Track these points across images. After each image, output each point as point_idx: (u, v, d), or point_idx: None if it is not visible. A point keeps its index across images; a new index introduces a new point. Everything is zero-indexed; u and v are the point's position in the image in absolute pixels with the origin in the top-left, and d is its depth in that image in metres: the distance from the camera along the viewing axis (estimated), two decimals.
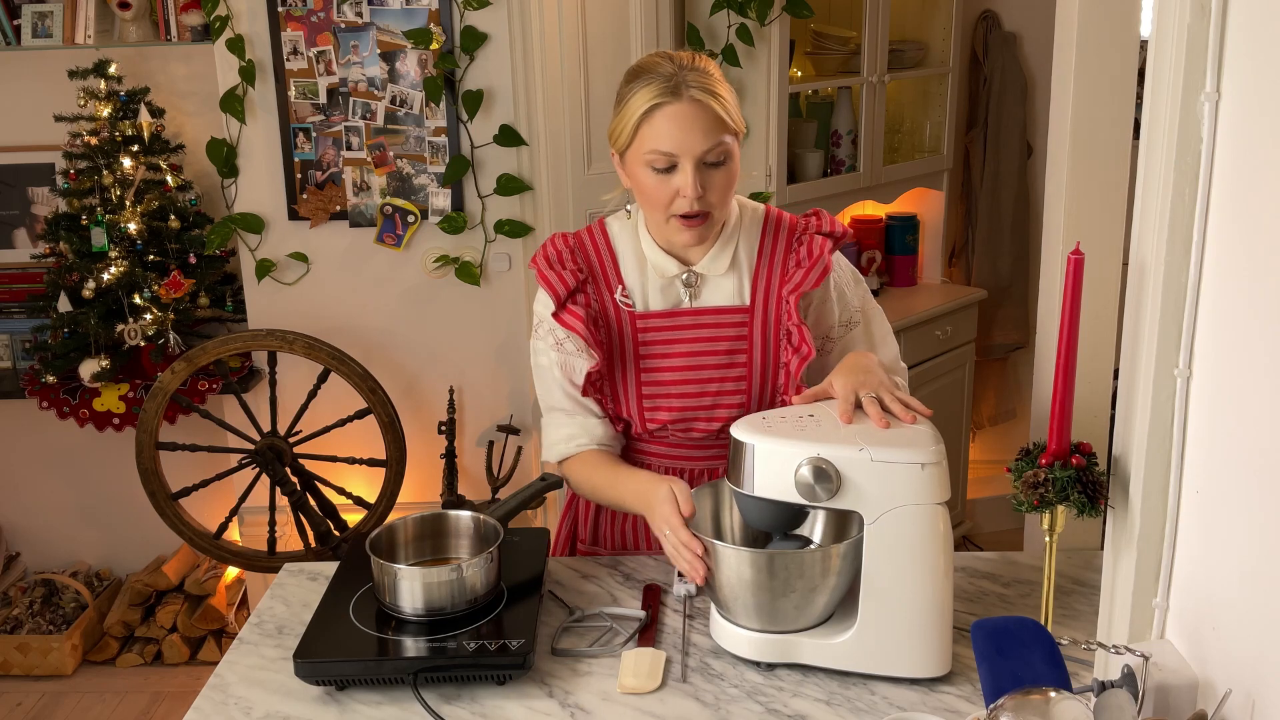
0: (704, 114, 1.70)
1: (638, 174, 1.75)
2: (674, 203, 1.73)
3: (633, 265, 1.85)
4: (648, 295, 1.85)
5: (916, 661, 1.55)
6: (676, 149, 1.70)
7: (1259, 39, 1.08)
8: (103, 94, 3.19)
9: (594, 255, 1.86)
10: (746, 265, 1.84)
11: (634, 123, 1.72)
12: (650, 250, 1.83)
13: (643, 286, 1.84)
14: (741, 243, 1.84)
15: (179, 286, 3.20)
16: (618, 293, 1.84)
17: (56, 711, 3.33)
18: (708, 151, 1.70)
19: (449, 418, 3.23)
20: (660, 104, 1.69)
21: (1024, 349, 4.17)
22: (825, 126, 3.74)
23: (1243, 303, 1.12)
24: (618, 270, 1.85)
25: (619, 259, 1.86)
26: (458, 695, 1.57)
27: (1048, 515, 1.47)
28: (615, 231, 1.87)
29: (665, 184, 1.72)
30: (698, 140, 1.69)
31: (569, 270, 1.83)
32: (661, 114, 1.69)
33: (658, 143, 1.70)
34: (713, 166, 1.72)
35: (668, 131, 1.69)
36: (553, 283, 1.82)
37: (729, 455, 1.61)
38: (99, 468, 3.71)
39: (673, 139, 1.69)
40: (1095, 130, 1.94)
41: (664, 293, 1.84)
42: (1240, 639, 1.14)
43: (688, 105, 1.69)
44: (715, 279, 1.84)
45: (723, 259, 1.83)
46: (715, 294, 1.84)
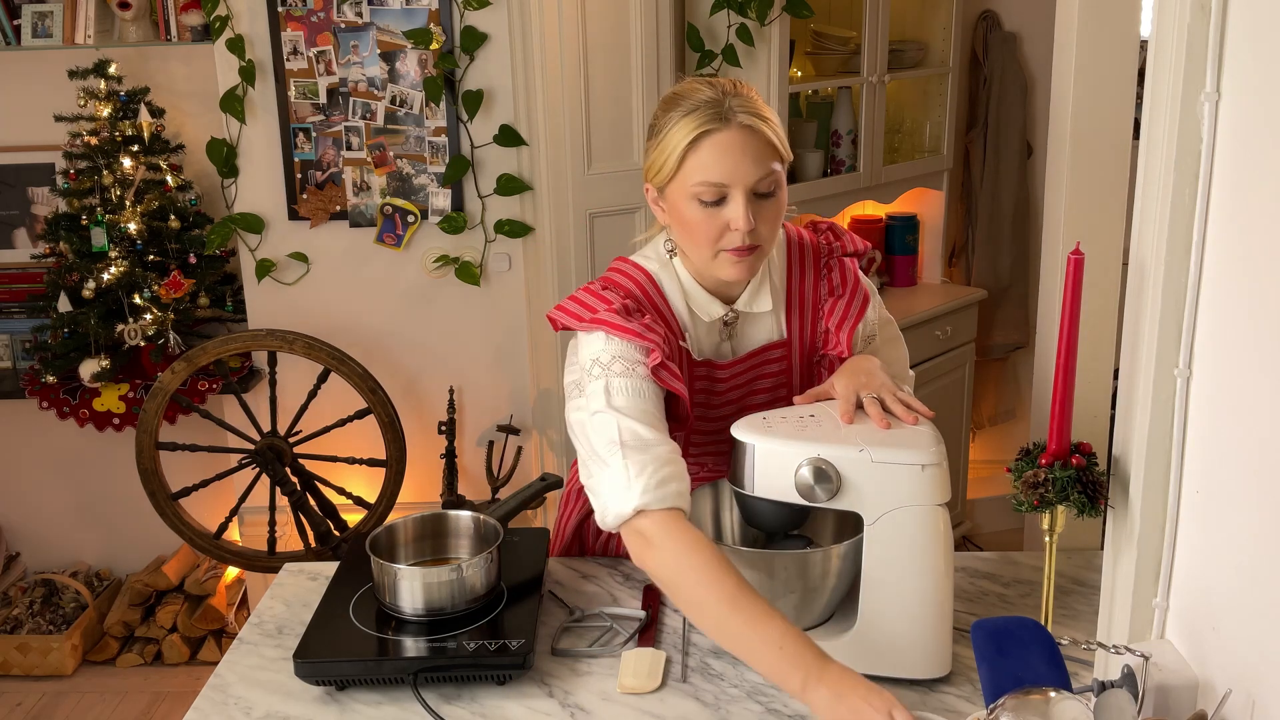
0: (755, 140, 1.59)
1: (682, 209, 1.62)
2: (724, 237, 1.61)
3: (682, 309, 1.72)
4: (699, 340, 1.74)
5: (916, 661, 1.55)
6: (727, 179, 1.58)
7: (1259, 39, 1.08)
8: (103, 94, 3.19)
9: (649, 304, 1.70)
10: (780, 295, 1.76)
11: (679, 153, 1.59)
12: (695, 293, 1.72)
13: (694, 331, 1.73)
14: (774, 273, 1.76)
15: (179, 286, 3.20)
16: (686, 342, 1.71)
17: (56, 711, 3.33)
18: (760, 180, 1.59)
19: (449, 418, 3.23)
20: (708, 131, 1.58)
21: (1024, 349, 4.17)
22: (825, 126, 3.74)
23: (1242, 303, 1.12)
24: (675, 317, 1.72)
25: (672, 305, 1.72)
26: (458, 695, 1.57)
27: (1048, 515, 1.47)
28: (657, 274, 1.73)
29: (714, 218, 1.60)
30: (749, 169, 1.58)
31: (646, 320, 1.65)
32: (710, 142, 1.58)
33: (707, 174, 1.58)
34: (763, 197, 1.61)
35: (717, 161, 1.58)
36: (644, 334, 1.61)
37: (730, 455, 1.61)
38: (99, 468, 3.71)
39: (723, 169, 1.58)
40: (1095, 130, 1.94)
41: (709, 335, 1.75)
42: (1240, 639, 1.14)
43: (737, 132, 1.58)
44: (756, 317, 1.76)
45: (764, 295, 1.74)
46: (755, 333, 1.77)
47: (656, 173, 1.64)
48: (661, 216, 1.70)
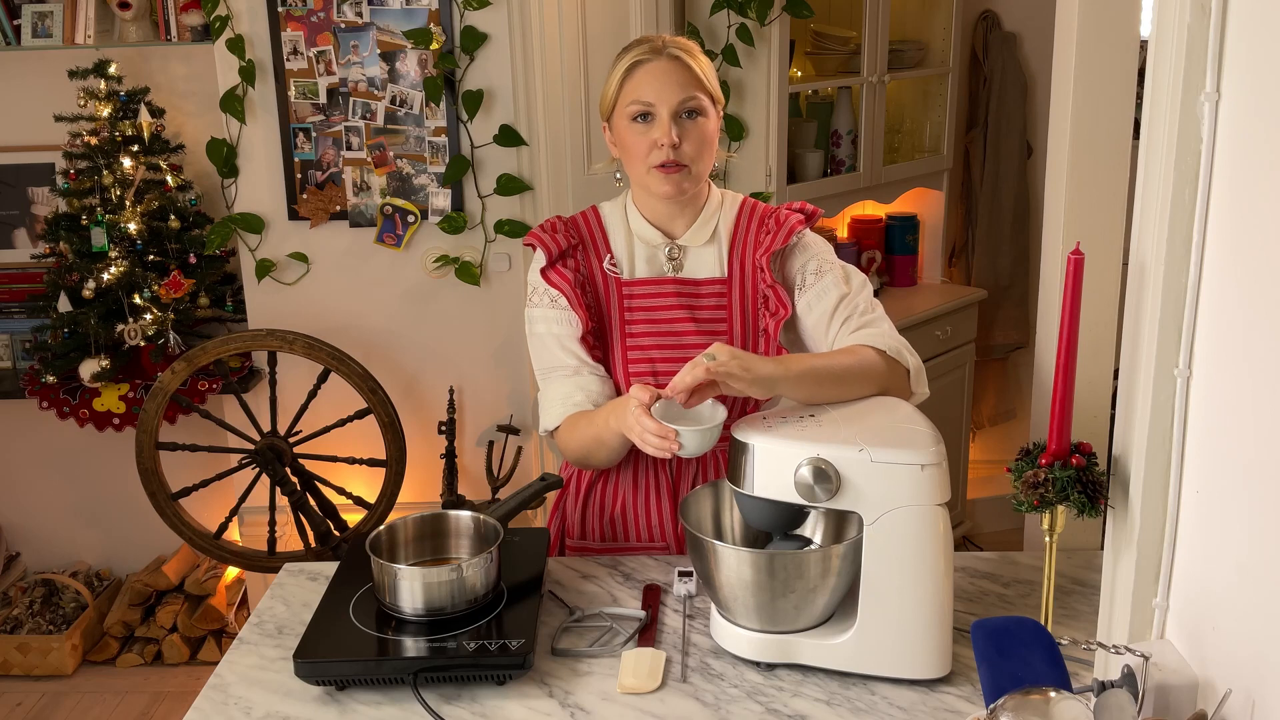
0: (680, 69, 1.85)
1: (621, 131, 1.89)
2: (652, 153, 1.85)
3: (621, 238, 1.97)
4: (635, 265, 1.96)
5: (916, 662, 1.55)
6: (654, 98, 1.84)
7: (1259, 39, 1.08)
8: (103, 94, 3.19)
9: (584, 228, 1.99)
10: (725, 240, 1.95)
11: (618, 81, 1.88)
12: (636, 222, 1.96)
13: (630, 257, 1.96)
14: (721, 221, 1.96)
15: (179, 286, 3.20)
16: (606, 261, 1.96)
17: (56, 711, 3.33)
18: (683, 102, 1.84)
19: (449, 418, 3.23)
20: (641, 61, 1.86)
21: (1024, 349, 4.17)
22: (825, 126, 3.74)
23: (1243, 303, 1.12)
24: (607, 242, 1.97)
25: (609, 233, 1.98)
26: (458, 695, 1.57)
27: (1048, 515, 1.47)
28: (606, 211, 2.00)
29: (644, 135, 1.85)
30: (674, 91, 1.84)
31: (561, 234, 1.95)
32: (642, 70, 1.86)
33: (638, 93, 1.85)
34: (689, 119, 1.85)
35: (647, 83, 1.85)
36: (545, 241, 1.93)
37: (729, 455, 1.61)
38: (99, 468, 3.71)
39: (651, 89, 1.84)
40: (1095, 130, 1.94)
41: (649, 263, 1.96)
42: (1240, 639, 1.14)
43: (666, 61, 1.86)
44: (697, 251, 1.95)
45: (704, 231, 1.95)
46: (697, 266, 1.95)
47: (604, 105, 1.92)
48: (613, 150, 1.96)
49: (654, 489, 1.95)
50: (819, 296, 1.90)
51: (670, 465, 1.95)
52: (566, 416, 1.90)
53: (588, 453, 1.90)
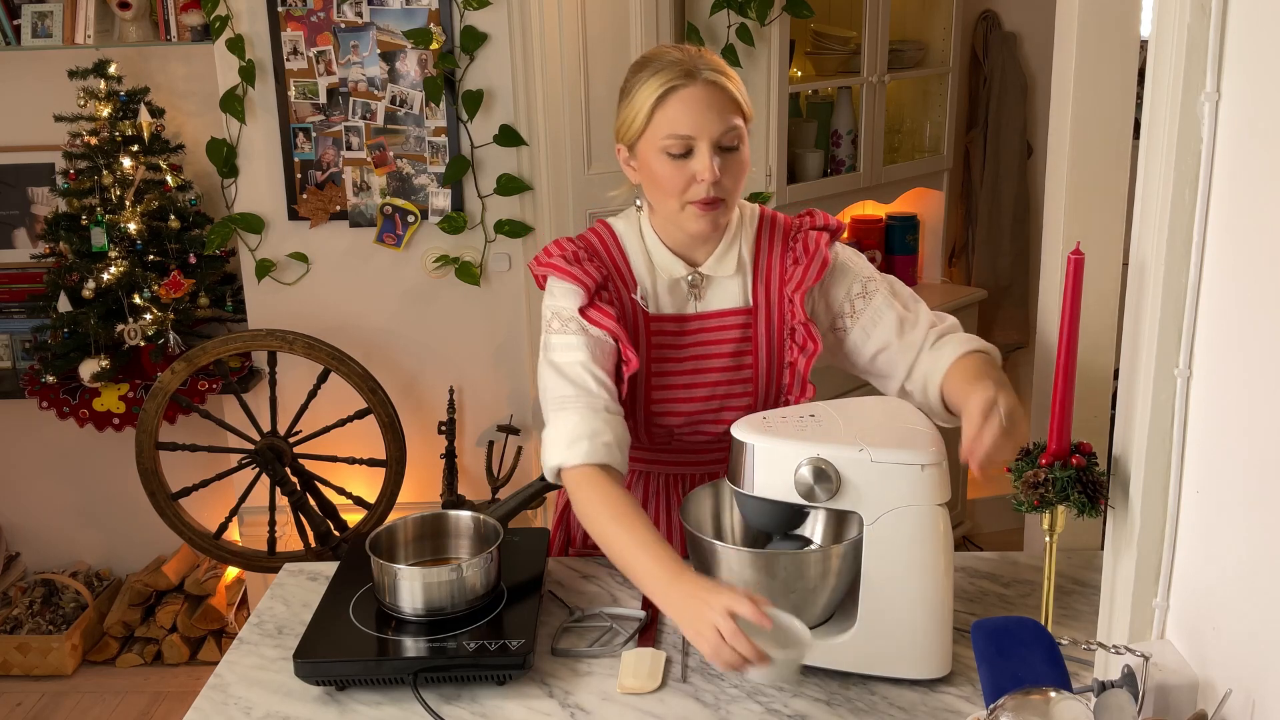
0: (719, 95, 1.68)
1: (651, 163, 1.71)
2: (690, 189, 1.69)
3: (642, 266, 1.81)
4: (658, 297, 1.81)
5: (916, 662, 1.55)
6: (694, 131, 1.67)
7: (1259, 39, 1.08)
8: (103, 94, 3.19)
9: (605, 254, 1.81)
10: (749, 268, 1.82)
11: (647, 109, 1.68)
12: (657, 251, 1.80)
13: (653, 288, 1.81)
14: (743, 244, 1.82)
15: (179, 286, 3.20)
16: (636, 292, 1.80)
17: (56, 711, 3.33)
18: (724, 134, 1.68)
19: (449, 418, 3.23)
20: (675, 87, 1.67)
21: (1024, 349, 4.17)
22: (825, 126, 3.74)
23: (1243, 303, 1.12)
24: (630, 271, 1.81)
25: (630, 259, 1.81)
26: (458, 695, 1.57)
27: (1048, 515, 1.47)
28: (621, 231, 1.84)
29: (681, 170, 1.69)
30: (714, 122, 1.67)
31: (592, 266, 1.77)
32: (677, 97, 1.67)
33: (674, 126, 1.67)
34: (728, 151, 1.70)
35: (684, 114, 1.67)
36: (580, 277, 1.75)
37: (729, 455, 1.61)
38: (99, 468, 3.71)
39: (690, 121, 1.67)
40: (1095, 130, 1.94)
41: (671, 294, 1.82)
42: (1240, 639, 1.14)
43: (703, 87, 1.67)
44: (720, 280, 1.81)
45: (729, 260, 1.80)
46: (719, 296, 1.82)
47: (627, 130, 1.73)
48: (632, 175, 1.78)
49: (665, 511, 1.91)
50: (874, 321, 1.81)
51: (682, 489, 1.89)
52: (597, 463, 1.66)
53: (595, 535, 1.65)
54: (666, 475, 1.91)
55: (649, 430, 1.85)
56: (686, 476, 1.90)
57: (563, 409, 1.72)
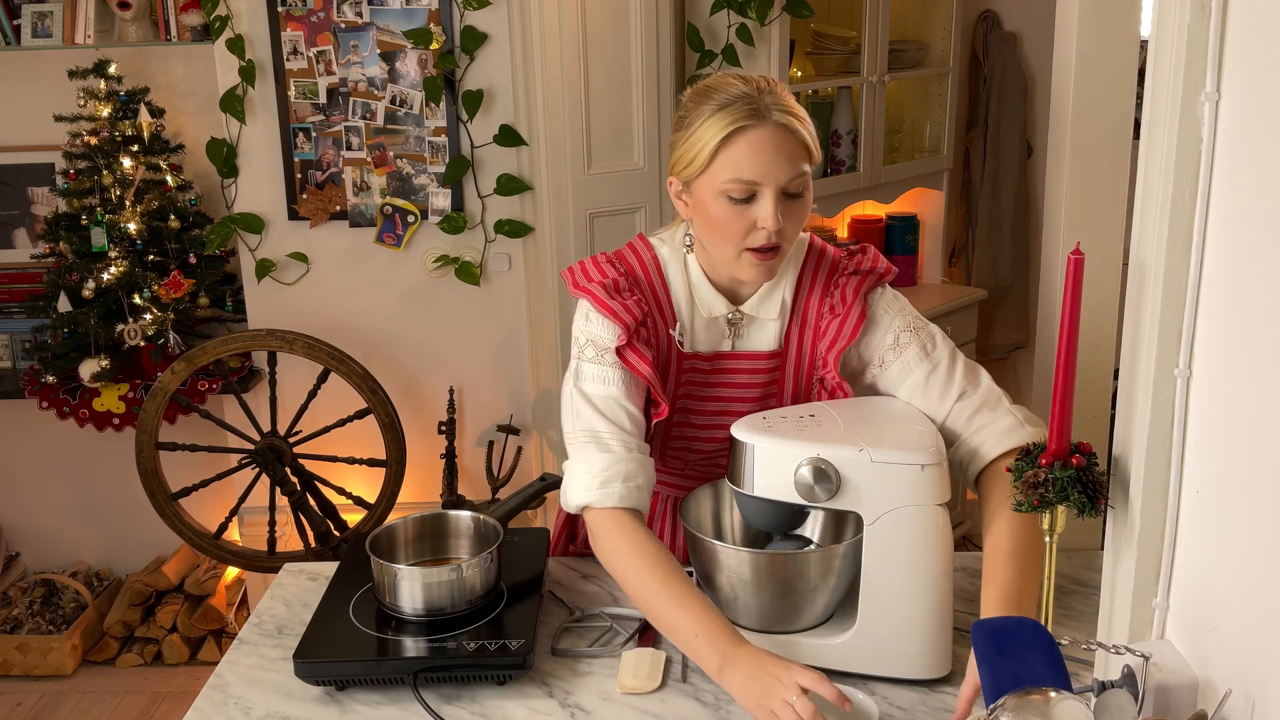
0: (789, 140, 1.58)
1: (709, 204, 1.61)
2: (750, 236, 1.59)
3: (683, 300, 1.73)
4: (695, 333, 1.73)
5: (916, 662, 1.55)
6: (760, 177, 1.56)
7: (1259, 39, 1.08)
8: (103, 94, 3.19)
9: (647, 285, 1.72)
10: (787, 312, 1.74)
11: (711, 148, 1.57)
12: (701, 286, 1.71)
13: (690, 323, 1.73)
14: (786, 287, 1.73)
15: (179, 286, 3.20)
16: (675, 330, 1.72)
17: (56, 711, 3.33)
18: (791, 181, 1.58)
19: (449, 418, 3.23)
20: (744, 128, 1.56)
21: (1024, 349, 4.17)
22: (825, 126, 3.74)
23: (1243, 303, 1.12)
24: (671, 303, 1.72)
25: (672, 292, 1.73)
26: (458, 695, 1.57)
27: (1048, 515, 1.47)
28: (665, 258, 1.74)
29: (742, 216, 1.58)
30: (783, 168, 1.57)
31: (633, 301, 1.68)
32: (744, 139, 1.56)
33: (739, 171, 1.56)
34: (792, 198, 1.60)
35: (750, 158, 1.56)
36: (620, 315, 1.66)
37: (729, 455, 1.61)
38: (99, 468, 3.71)
39: (756, 167, 1.56)
40: (1095, 130, 1.94)
41: (708, 331, 1.74)
42: (1240, 639, 1.14)
43: (772, 130, 1.56)
44: (760, 321, 1.74)
45: (772, 301, 1.72)
46: (755, 337, 1.75)
47: (685, 166, 1.62)
48: (684, 210, 1.68)
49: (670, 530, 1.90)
50: (903, 374, 1.70)
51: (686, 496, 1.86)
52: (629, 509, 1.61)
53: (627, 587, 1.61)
54: (674, 498, 1.88)
55: (664, 458, 1.83)
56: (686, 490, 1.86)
57: (594, 443, 1.64)
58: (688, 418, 1.79)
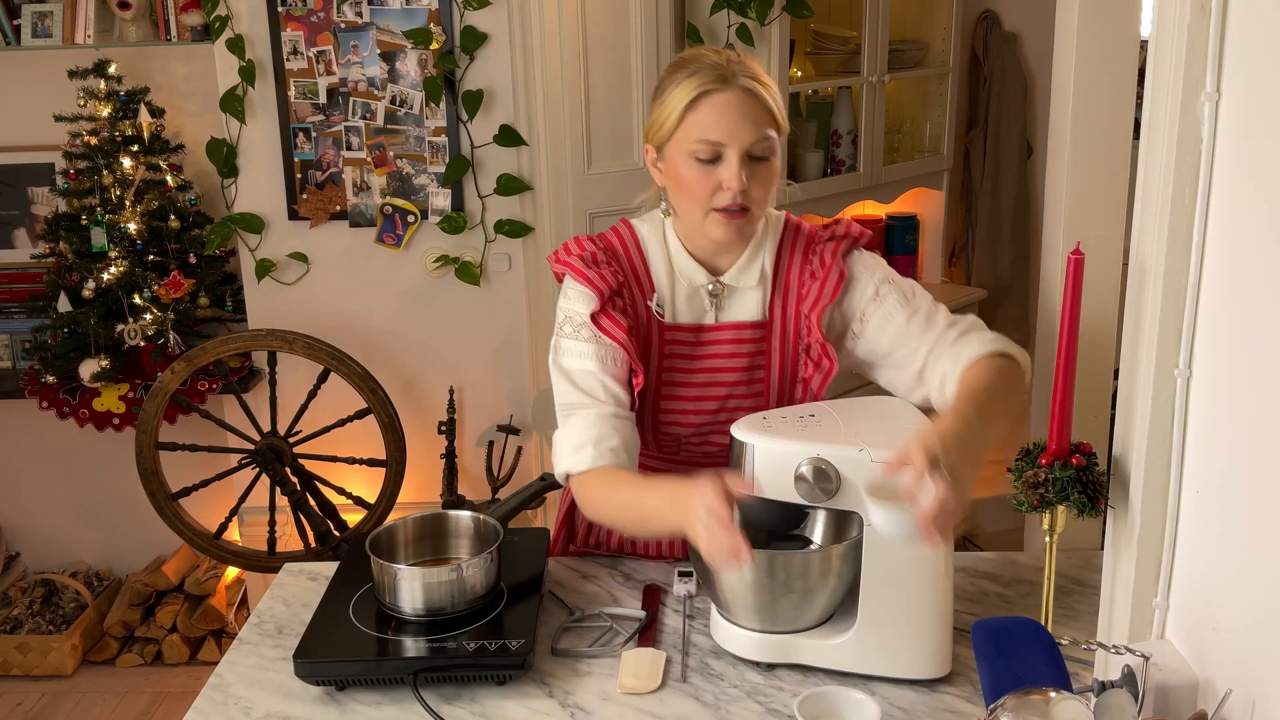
0: (754, 104, 1.65)
1: (678, 167, 1.68)
2: (716, 196, 1.66)
3: (662, 272, 1.78)
4: (676, 305, 1.78)
5: (916, 662, 1.55)
6: (724, 138, 1.64)
7: (1259, 39, 1.08)
8: (103, 94, 3.19)
9: (623, 255, 1.79)
10: (769, 281, 1.78)
11: (679, 111, 1.65)
12: (680, 257, 1.77)
13: (671, 295, 1.78)
14: (766, 257, 1.78)
15: (179, 286, 3.20)
16: (652, 300, 1.77)
17: (56, 711, 3.33)
18: (755, 143, 1.65)
19: (449, 418, 3.23)
20: (709, 91, 1.64)
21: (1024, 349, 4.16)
22: (825, 126, 3.74)
23: (1243, 303, 1.12)
24: (650, 276, 1.78)
25: (650, 264, 1.79)
26: (458, 695, 1.57)
27: (1048, 515, 1.47)
28: (644, 235, 1.80)
29: (708, 176, 1.66)
30: (746, 130, 1.64)
31: (609, 270, 1.75)
32: (709, 102, 1.64)
33: (704, 131, 1.64)
34: (757, 161, 1.66)
35: (715, 120, 1.64)
36: (594, 281, 1.72)
37: (729, 455, 1.61)
38: (99, 468, 3.71)
39: (720, 127, 1.63)
40: (1095, 130, 1.94)
41: (689, 302, 1.78)
42: (1240, 639, 1.14)
43: (737, 94, 1.64)
44: (741, 291, 1.78)
45: (752, 271, 1.77)
46: (738, 307, 1.78)
47: (657, 131, 1.70)
48: (659, 177, 1.75)
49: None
50: (885, 322, 1.75)
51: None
52: (600, 466, 1.67)
53: (620, 524, 1.72)
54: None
55: (656, 437, 1.84)
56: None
57: (571, 415, 1.72)
58: (674, 391, 1.80)
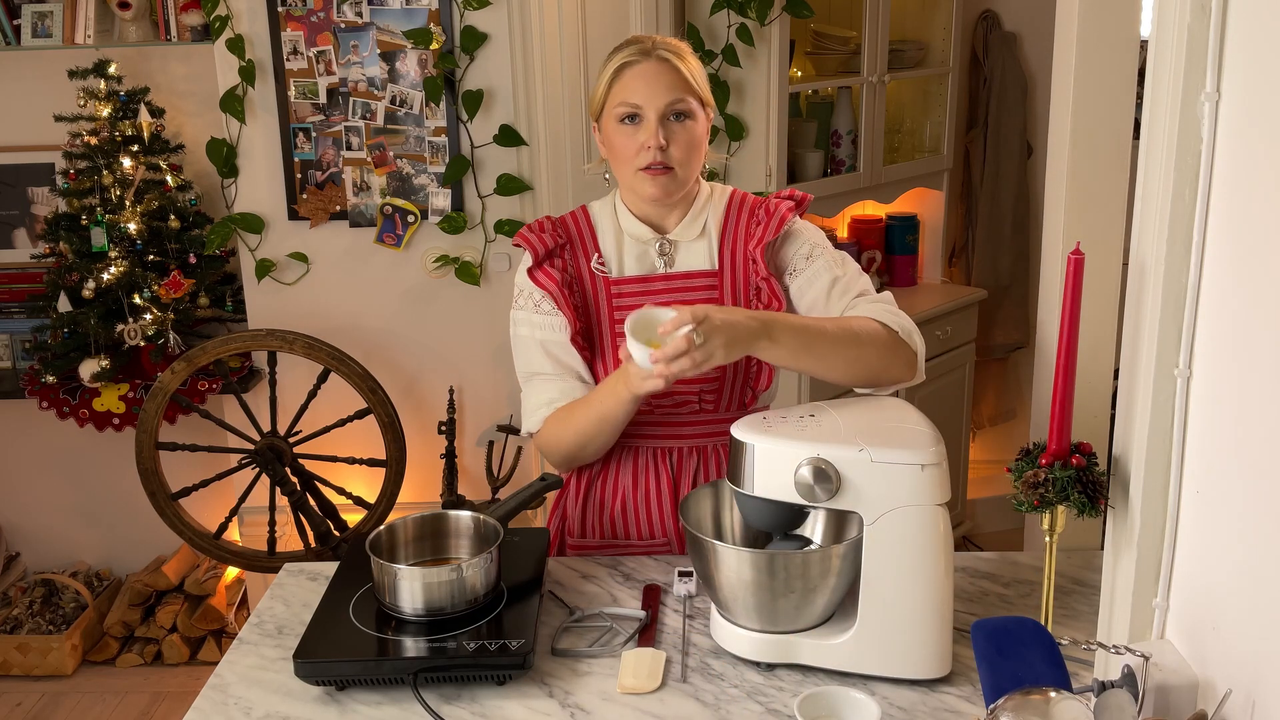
0: (668, 71, 1.84)
1: (610, 134, 1.88)
2: (639, 155, 1.85)
3: (610, 236, 1.95)
4: (624, 263, 1.95)
5: (916, 662, 1.55)
6: (642, 100, 1.84)
7: (1259, 39, 1.08)
8: (103, 94, 3.19)
9: (573, 227, 1.97)
10: (715, 233, 1.94)
11: (606, 82, 1.87)
12: (626, 219, 1.94)
13: (619, 255, 1.95)
14: (711, 214, 1.95)
15: (179, 286, 3.20)
16: (594, 260, 1.94)
17: (56, 711, 3.33)
18: (671, 104, 1.83)
19: (449, 418, 3.23)
20: (630, 63, 1.86)
21: (1024, 349, 4.17)
22: (825, 126, 3.74)
23: (1243, 303, 1.12)
24: (595, 241, 1.96)
25: (597, 232, 1.96)
26: (458, 695, 1.57)
27: (1048, 515, 1.47)
28: (595, 210, 1.99)
29: (632, 137, 1.85)
30: (661, 93, 1.83)
31: (548, 234, 1.94)
32: (631, 71, 1.85)
33: (625, 94, 1.85)
34: (677, 121, 1.85)
35: (634, 85, 1.84)
36: (533, 242, 1.93)
37: (729, 455, 1.61)
38: (99, 468, 3.71)
39: (639, 91, 1.84)
40: (1095, 130, 1.94)
41: (640, 260, 1.95)
42: (1240, 639, 1.14)
43: (655, 63, 1.85)
44: (688, 245, 1.94)
45: (695, 225, 1.93)
46: (688, 260, 1.94)
47: (593, 104, 1.92)
48: (602, 150, 1.95)
49: (654, 486, 1.95)
50: (810, 280, 1.90)
51: (670, 462, 1.94)
52: (548, 416, 1.91)
53: (584, 439, 1.89)
54: (655, 449, 1.94)
55: None
56: (673, 451, 1.94)
57: (527, 382, 1.98)
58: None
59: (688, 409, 1.92)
